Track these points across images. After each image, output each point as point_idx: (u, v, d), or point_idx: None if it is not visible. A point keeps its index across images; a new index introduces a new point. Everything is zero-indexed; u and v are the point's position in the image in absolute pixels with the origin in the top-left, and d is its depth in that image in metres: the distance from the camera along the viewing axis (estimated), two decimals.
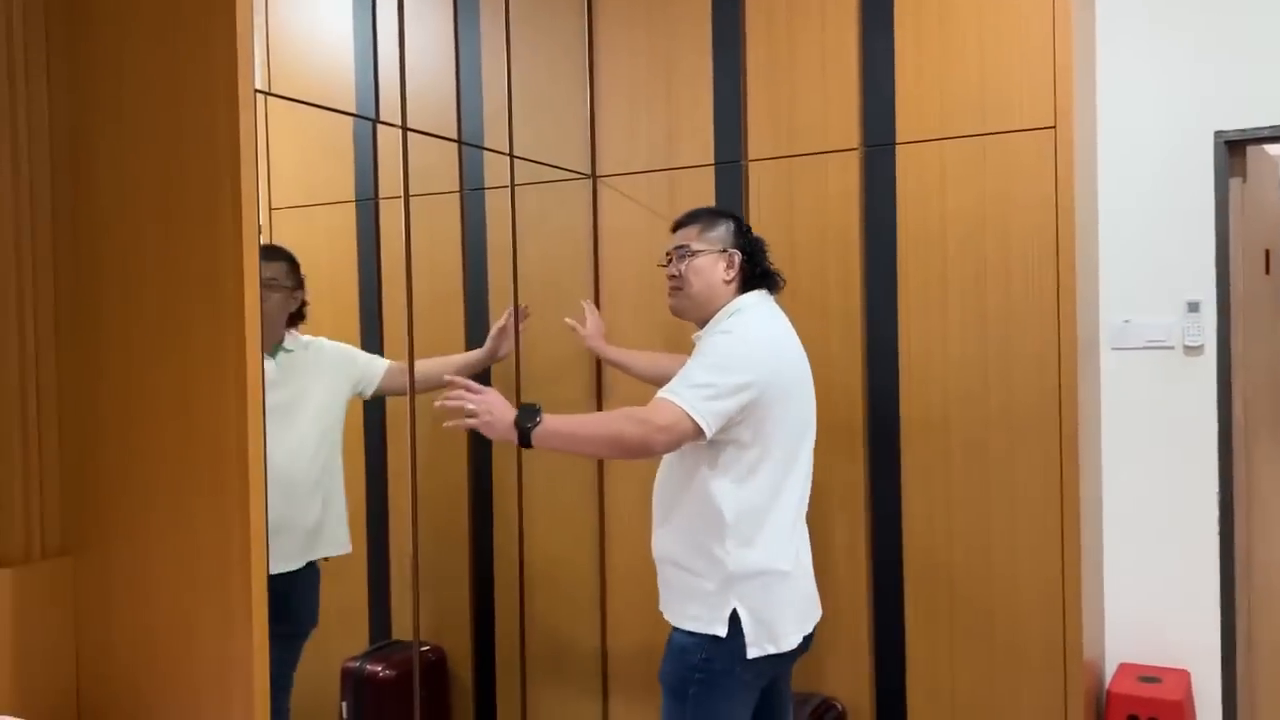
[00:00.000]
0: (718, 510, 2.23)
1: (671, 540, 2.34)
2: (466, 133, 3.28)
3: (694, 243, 2.42)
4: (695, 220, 2.47)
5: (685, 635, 2.27)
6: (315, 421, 2.79)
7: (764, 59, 3.02)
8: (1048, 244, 2.68)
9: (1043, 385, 2.70)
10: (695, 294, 2.41)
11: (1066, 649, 2.70)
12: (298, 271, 2.83)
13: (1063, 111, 2.65)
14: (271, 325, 2.74)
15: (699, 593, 2.25)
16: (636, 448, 2.18)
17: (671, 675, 2.27)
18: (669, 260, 2.48)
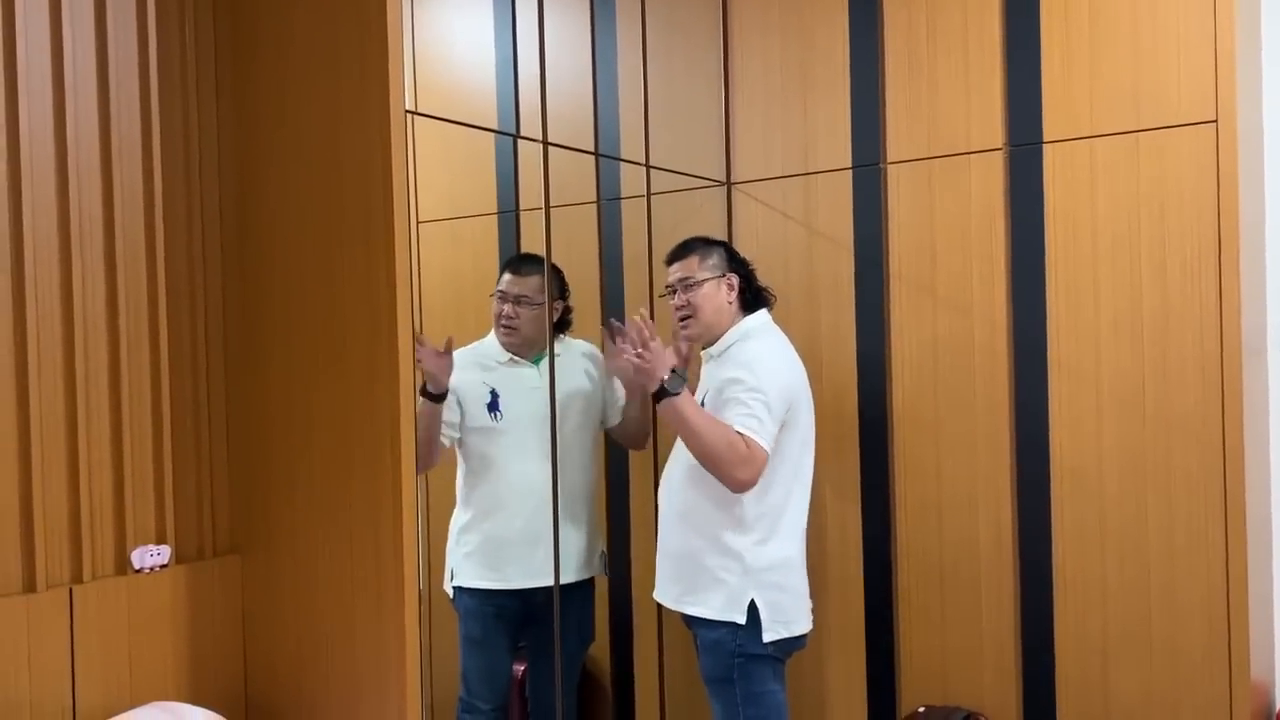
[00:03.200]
0: (741, 513, 2.52)
1: (694, 537, 2.56)
2: (603, 144, 3.34)
3: (696, 273, 2.65)
4: (691, 251, 2.69)
5: (713, 627, 2.53)
6: (580, 430, 2.87)
7: (903, 57, 2.97)
8: (1209, 244, 2.55)
9: (1204, 391, 2.57)
10: (707, 320, 2.64)
11: (1233, 669, 2.56)
12: (556, 282, 2.87)
13: (1225, 104, 2.52)
14: (533, 339, 2.85)
15: (721, 585, 2.52)
16: (732, 479, 2.45)
17: (715, 667, 2.54)
18: (672, 293, 2.69)
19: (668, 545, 2.66)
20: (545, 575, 2.74)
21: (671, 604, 2.66)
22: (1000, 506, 2.84)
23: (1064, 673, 2.77)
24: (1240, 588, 2.55)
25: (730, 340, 2.64)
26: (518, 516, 2.77)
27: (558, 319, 2.85)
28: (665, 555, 2.67)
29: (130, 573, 2.03)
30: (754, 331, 2.66)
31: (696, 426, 2.46)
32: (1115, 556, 2.70)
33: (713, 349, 2.66)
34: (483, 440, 2.79)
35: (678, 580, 2.62)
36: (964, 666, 2.90)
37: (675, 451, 2.66)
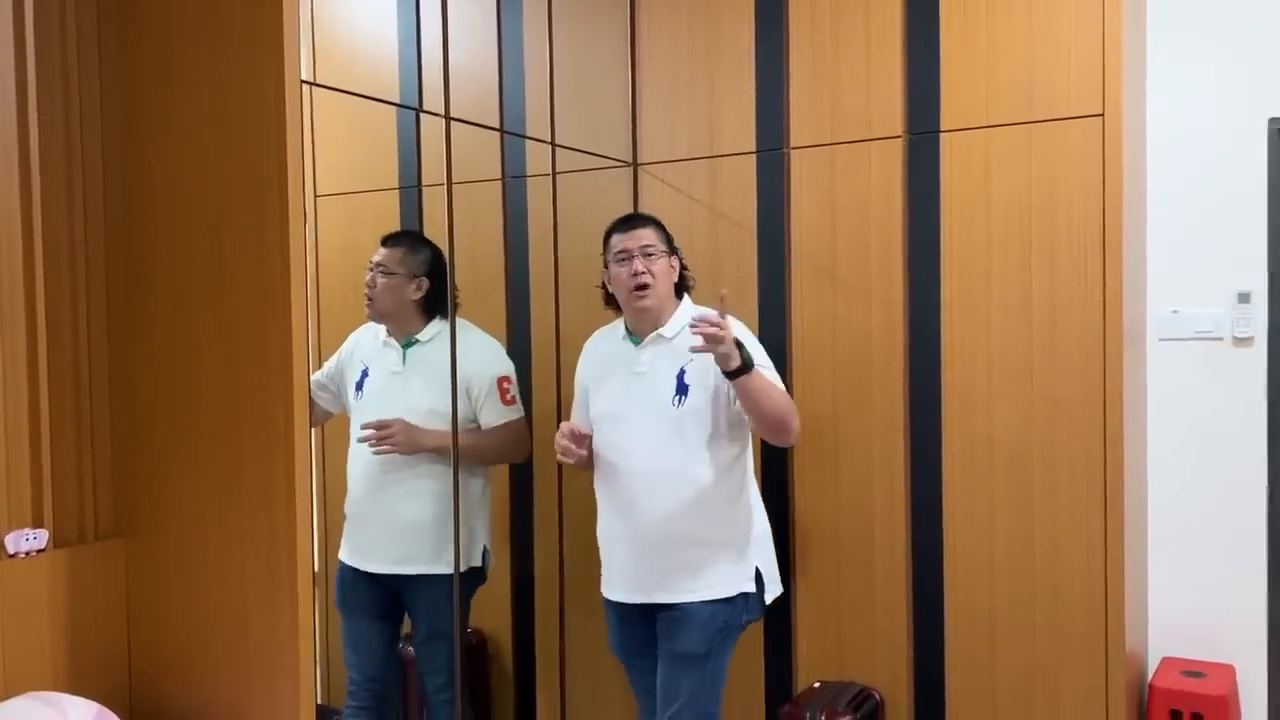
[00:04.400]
0: (737, 484, 2.55)
1: (692, 520, 2.49)
2: (509, 121, 3.30)
3: (658, 243, 2.56)
4: (648, 223, 2.60)
5: (705, 605, 2.48)
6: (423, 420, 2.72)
7: (807, 46, 3.00)
8: (1094, 233, 2.65)
9: (1087, 376, 2.67)
10: (661, 293, 2.55)
11: (1109, 641, 2.68)
12: (424, 258, 2.78)
13: (1111, 99, 2.62)
14: (388, 312, 2.76)
15: (724, 560, 2.51)
16: (796, 432, 2.50)
17: (700, 643, 2.48)
18: (627, 258, 2.53)
19: (646, 538, 2.51)
20: (394, 563, 2.73)
21: (648, 597, 2.53)
22: (894, 487, 2.92)
23: (953, 649, 2.87)
24: (1117, 566, 2.67)
25: (683, 321, 2.53)
26: (355, 501, 2.78)
27: (427, 297, 2.76)
28: (640, 549, 2.53)
29: (4, 558, 1.94)
30: (705, 311, 2.49)
31: (772, 389, 2.43)
32: (1003, 536, 2.79)
33: (663, 330, 2.56)
34: (351, 417, 2.78)
35: (663, 571, 2.50)
36: (859, 644, 2.97)
37: (629, 448, 2.53)
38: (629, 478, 2.54)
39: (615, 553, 2.60)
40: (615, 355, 2.63)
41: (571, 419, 2.73)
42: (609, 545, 2.62)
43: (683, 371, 2.51)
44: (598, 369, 2.68)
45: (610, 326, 2.73)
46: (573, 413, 2.76)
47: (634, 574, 2.56)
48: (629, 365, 2.59)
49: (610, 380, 2.62)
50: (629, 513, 2.54)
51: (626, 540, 2.55)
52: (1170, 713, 2.83)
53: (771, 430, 2.49)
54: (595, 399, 2.65)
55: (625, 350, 2.61)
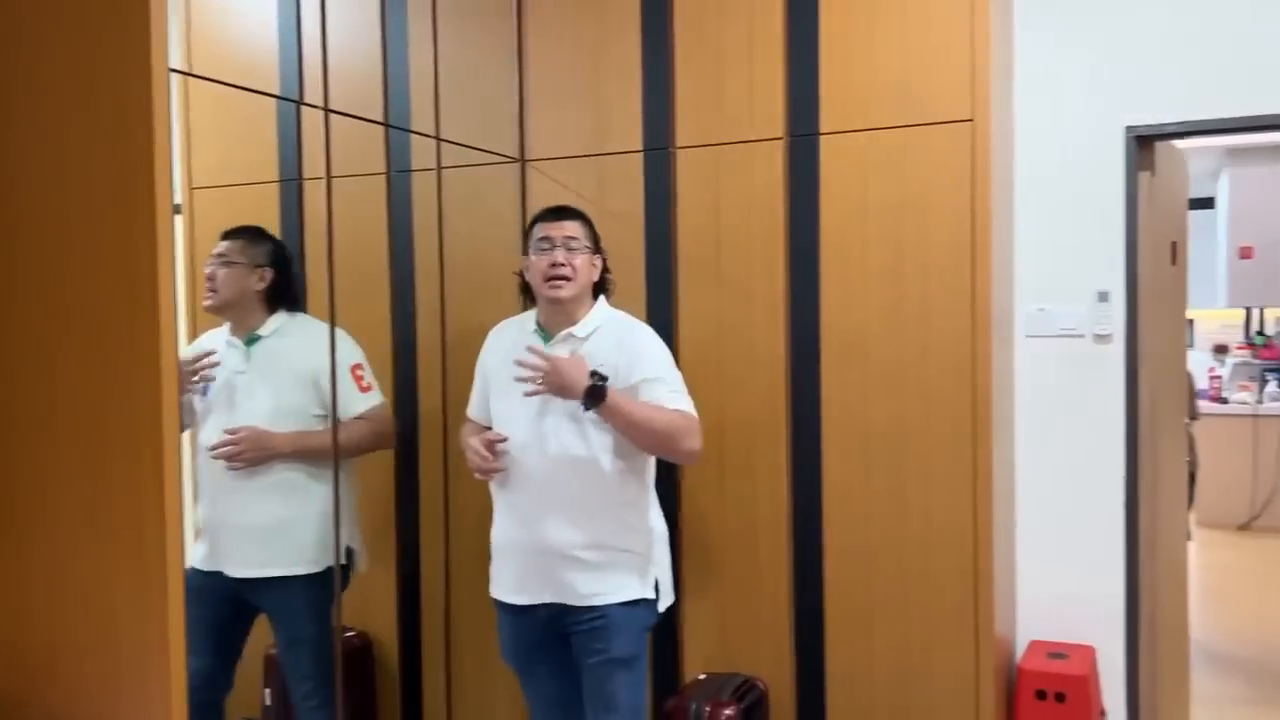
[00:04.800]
0: (626, 484, 2.49)
1: (598, 526, 2.45)
2: (393, 115, 3.26)
3: (584, 238, 2.52)
4: (576, 216, 2.56)
5: (624, 608, 2.45)
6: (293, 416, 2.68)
7: (692, 48, 3.04)
8: (964, 234, 2.76)
9: (958, 371, 2.77)
10: (580, 287, 2.49)
11: (979, 627, 2.79)
12: (266, 249, 2.72)
13: (980, 105, 2.72)
14: (230, 302, 2.69)
15: (630, 564, 2.48)
16: (688, 453, 2.48)
17: (630, 645, 2.46)
18: (549, 248, 2.48)
19: (551, 545, 2.44)
20: (247, 567, 2.69)
21: (556, 598, 2.47)
22: (777, 481, 2.98)
23: (833, 636, 2.95)
24: (986, 554, 2.78)
25: (597, 322, 2.52)
26: (205, 505, 2.73)
27: (271, 289, 2.71)
28: (544, 556, 2.45)
29: None
30: (621, 315, 2.60)
31: (641, 417, 2.38)
32: (879, 527, 2.88)
33: (575, 329, 2.50)
34: (199, 422, 2.74)
35: (570, 576, 2.44)
36: (743, 635, 3.03)
37: (535, 451, 2.46)
38: (533, 481, 2.46)
39: (516, 557, 2.51)
40: (522, 350, 2.51)
41: (470, 406, 2.69)
42: (509, 550, 2.54)
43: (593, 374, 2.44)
44: (503, 361, 2.56)
45: (520, 318, 2.66)
46: (471, 399, 2.71)
47: (539, 579, 2.48)
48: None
49: (515, 376, 2.50)
50: (532, 517, 2.46)
51: (529, 546, 2.47)
52: (1036, 693, 2.97)
53: (656, 452, 2.51)
54: (497, 393, 2.58)
55: (534, 345, 2.51)
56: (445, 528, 3.23)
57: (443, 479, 3.21)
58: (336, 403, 2.69)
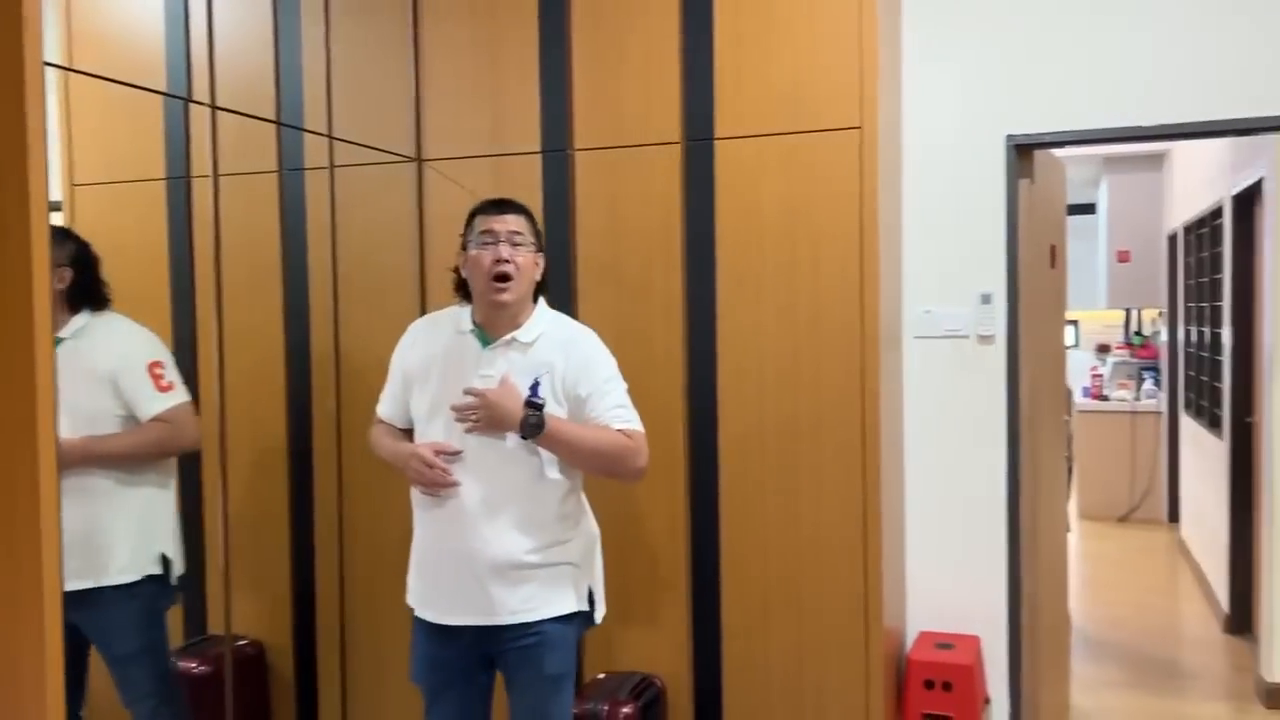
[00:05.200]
0: (561, 497, 2.33)
1: (536, 539, 2.28)
2: (286, 112, 3.21)
3: (529, 235, 2.32)
4: (521, 210, 2.36)
5: (559, 623, 2.31)
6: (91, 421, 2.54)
7: (590, 52, 3.06)
8: (853, 238, 2.84)
9: (848, 370, 2.85)
10: (523, 289, 2.30)
11: (869, 619, 2.87)
12: (67, 250, 2.57)
13: (868, 114, 2.81)
14: None
15: (564, 579, 2.33)
16: (634, 472, 2.34)
17: (564, 661, 2.33)
18: (492, 243, 2.27)
19: (485, 561, 2.26)
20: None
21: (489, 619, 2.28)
22: (675, 480, 3.02)
23: (730, 631, 3.00)
24: (876, 547, 2.86)
25: (541, 327, 2.34)
26: None
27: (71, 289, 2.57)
28: (476, 572, 2.27)
29: None
30: (564, 319, 2.44)
31: (583, 442, 2.27)
32: (774, 522, 2.95)
33: (519, 334, 2.31)
34: None
35: (506, 593, 2.26)
36: (642, 634, 3.06)
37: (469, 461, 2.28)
38: (467, 494, 2.27)
39: (446, 575, 2.31)
40: (456, 351, 2.34)
41: (381, 405, 2.50)
42: (438, 567, 2.33)
43: (536, 384, 2.28)
44: (429, 360, 2.37)
45: (449, 314, 2.44)
46: (384, 398, 2.49)
47: (470, 598, 2.28)
48: (473, 366, 2.31)
49: (448, 379, 2.31)
50: (466, 532, 2.27)
51: (462, 562, 2.28)
52: (924, 683, 3.07)
53: (598, 474, 2.40)
54: (422, 395, 2.36)
55: (469, 347, 2.33)
56: (339, 534, 3.19)
57: (336, 484, 3.17)
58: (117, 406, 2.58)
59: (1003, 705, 3.29)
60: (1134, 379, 7.99)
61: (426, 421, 2.34)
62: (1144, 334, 8.44)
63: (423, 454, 2.27)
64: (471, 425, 2.23)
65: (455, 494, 2.27)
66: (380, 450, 2.46)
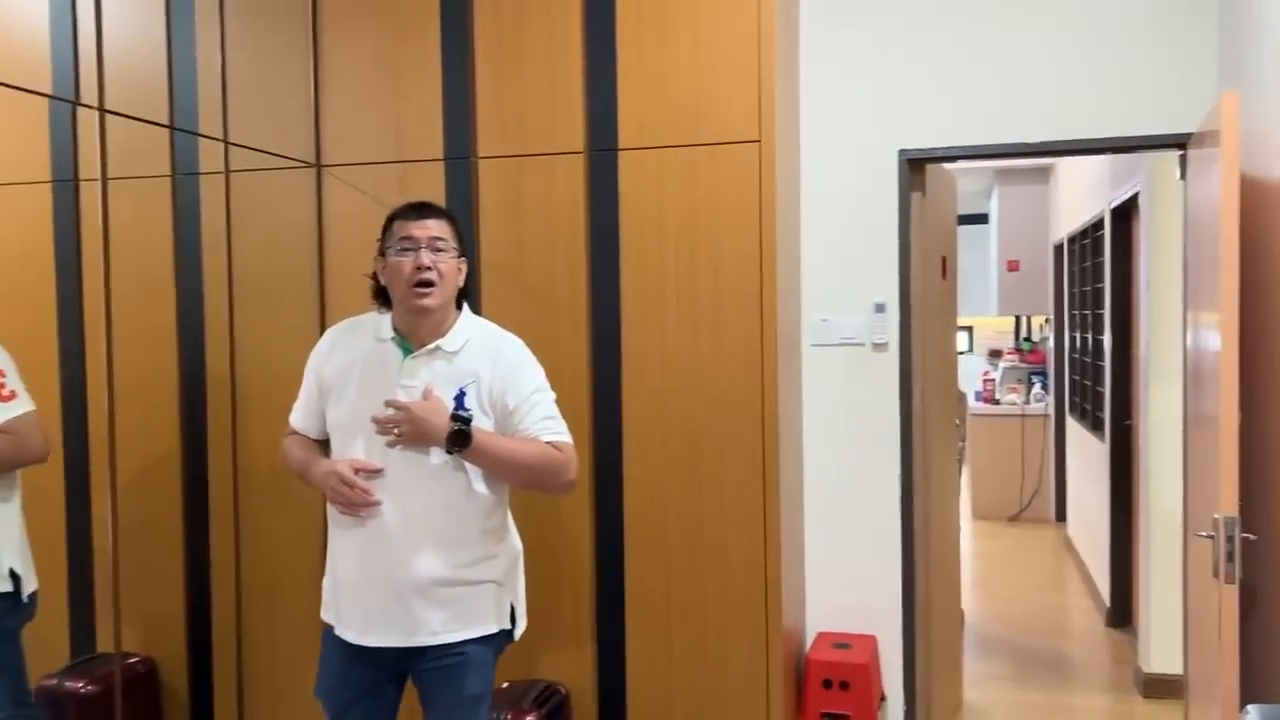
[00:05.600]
0: (487, 512, 2.26)
1: (461, 557, 2.21)
2: (179, 117, 3.14)
3: (451, 240, 2.24)
4: (445, 216, 2.28)
5: (481, 643, 2.24)
6: None
7: (492, 60, 3.07)
8: (753, 248, 2.90)
9: (749, 376, 2.92)
10: (446, 295, 2.22)
11: (769, 621, 2.93)
12: None
13: (766, 128, 2.88)
14: None
15: (487, 597, 2.26)
16: (564, 485, 2.29)
17: (483, 682, 2.26)
18: (412, 249, 2.18)
19: (407, 579, 2.17)
20: None
21: (409, 640, 2.19)
22: (580, 488, 3.02)
23: (633, 636, 3.03)
24: (775, 550, 2.93)
25: (467, 334, 2.26)
26: None
27: None
28: (398, 590, 2.18)
29: None
30: (490, 325, 2.35)
31: (511, 456, 2.20)
32: (676, 527, 2.99)
33: (443, 342, 2.23)
34: None
35: (427, 612, 2.18)
36: (546, 642, 3.07)
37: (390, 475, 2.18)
38: (389, 513, 2.17)
39: (366, 594, 2.21)
40: (376, 359, 2.25)
41: (294, 415, 2.38)
42: (358, 586, 2.22)
43: (462, 394, 2.20)
44: (347, 369, 2.26)
45: (368, 320, 2.33)
46: (297, 408, 2.37)
47: (390, 618, 2.19)
48: (395, 376, 2.21)
49: (367, 389, 2.21)
50: (388, 552, 2.18)
51: (383, 581, 2.18)
52: (822, 682, 3.15)
53: (525, 487, 2.36)
54: (340, 405, 2.25)
55: (390, 356, 2.23)
56: (236, 548, 3.12)
57: (233, 495, 3.10)
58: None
59: (898, 702, 3.40)
60: (1023, 383, 8.30)
61: (345, 434, 2.24)
62: (1033, 340, 8.77)
63: (341, 472, 2.15)
64: (394, 439, 2.14)
65: (377, 513, 2.17)
66: (293, 464, 2.35)
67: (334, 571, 2.28)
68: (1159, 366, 4.21)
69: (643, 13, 2.96)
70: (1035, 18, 3.25)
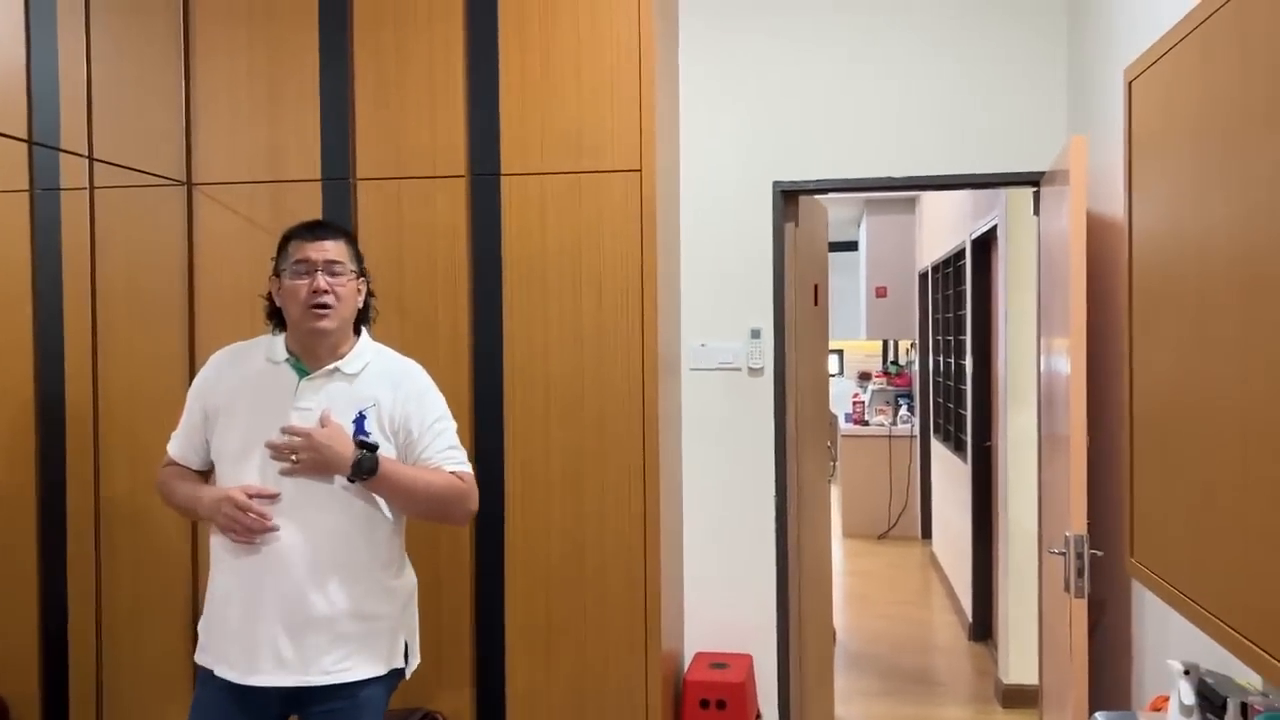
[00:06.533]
0: (386, 542, 2.19)
1: (354, 592, 2.11)
2: (40, 130, 3.01)
3: (349, 261, 2.17)
4: (340, 235, 2.20)
5: (374, 684, 2.14)
6: None
7: (371, 83, 3.04)
8: (634, 274, 2.95)
9: (630, 399, 2.96)
10: (343, 316, 2.15)
11: (648, 645, 2.96)
12: None
13: (647, 158, 2.94)
14: None
15: (382, 633, 2.17)
16: (465, 515, 2.26)
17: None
18: (307, 272, 2.11)
19: (298, 613, 2.06)
20: None
21: (299, 679, 2.07)
22: None
23: (513, 663, 3.02)
24: (655, 573, 2.97)
25: (366, 358, 2.19)
26: None
27: None
28: (287, 625, 2.07)
29: None
30: (388, 351, 2.27)
31: (415, 488, 2.13)
32: (558, 551, 3.00)
33: (342, 364, 2.15)
34: None
35: (319, 650, 2.08)
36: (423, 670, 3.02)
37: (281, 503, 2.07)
38: (284, 540, 2.07)
39: (249, 630, 2.08)
40: (268, 381, 2.15)
41: (172, 445, 2.23)
42: (241, 618, 2.09)
43: (361, 418, 2.13)
44: (235, 393, 2.16)
45: (258, 344, 2.23)
46: (177, 437, 2.23)
47: (277, 655, 2.07)
48: (289, 399, 2.12)
49: (259, 412, 2.12)
50: (280, 582, 2.07)
51: (271, 614, 2.07)
52: (700, 702, 3.19)
53: (426, 518, 2.29)
54: (229, 431, 2.14)
55: (283, 378, 2.14)
56: (97, 580, 2.98)
57: (93, 527, 2.97)
58: None
59: (773, 719, 3.47)
60: (891, 405, 8.61)
61: (236, 461, 2.12)
62: (899, 363, 9.11)
63: (236, 498, 2.05)
64: (291, 467, 2.06)
65: (270, 540, 2.06)
66: (175, 496, 2.21)
67: (215, 608, 2.15)
68: (1016, 390, 4.43)
69: (525, 40, 2.99)
70: (903, 60, 3.42)
